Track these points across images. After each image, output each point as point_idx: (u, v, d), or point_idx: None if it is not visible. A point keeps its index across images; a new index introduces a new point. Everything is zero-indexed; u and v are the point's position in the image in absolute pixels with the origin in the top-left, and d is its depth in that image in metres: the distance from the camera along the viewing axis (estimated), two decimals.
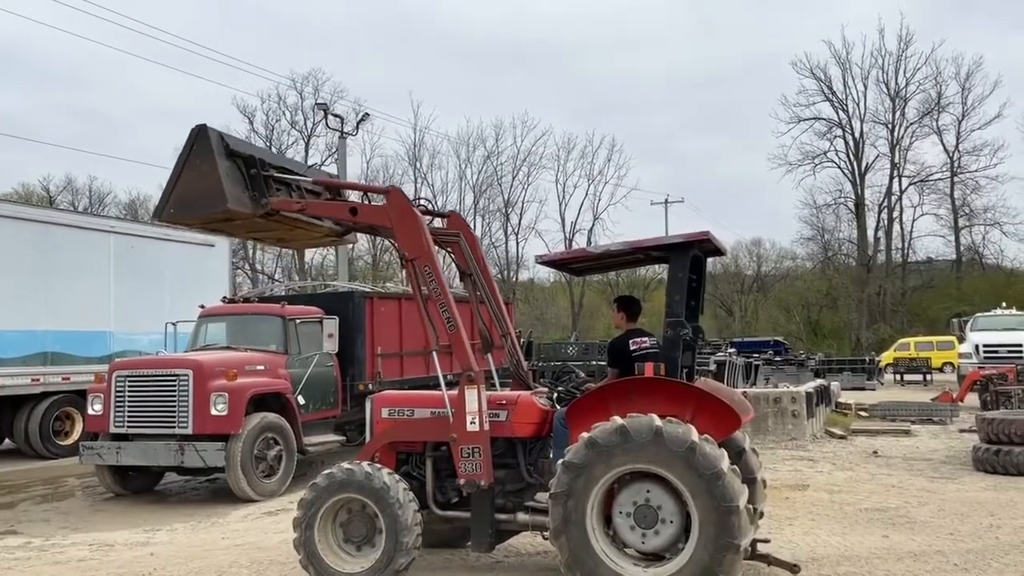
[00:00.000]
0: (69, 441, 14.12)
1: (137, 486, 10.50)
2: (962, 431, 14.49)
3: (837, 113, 51.89)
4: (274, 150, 53.67)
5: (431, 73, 79.86)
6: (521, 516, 5.83)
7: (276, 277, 53.82)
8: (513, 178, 57.06)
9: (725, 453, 5.04)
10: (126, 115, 78.65)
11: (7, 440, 14.56)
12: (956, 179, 50.44)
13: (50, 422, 14.00)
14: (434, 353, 6.07)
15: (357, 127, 34.86)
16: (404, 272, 6.23)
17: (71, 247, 14.55)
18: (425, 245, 6.09)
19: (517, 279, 58.29)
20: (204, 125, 6.18)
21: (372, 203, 6.78)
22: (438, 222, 6.81)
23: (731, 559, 4.85)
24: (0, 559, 7.12)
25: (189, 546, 7.43)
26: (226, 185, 6.01)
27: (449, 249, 6.74)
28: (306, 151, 54.06)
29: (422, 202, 6.64)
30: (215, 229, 7.08)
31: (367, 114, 34.96)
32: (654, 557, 5.18)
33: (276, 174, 6.39)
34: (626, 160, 69.93)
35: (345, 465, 5.86)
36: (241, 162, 6.23)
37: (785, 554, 6.21)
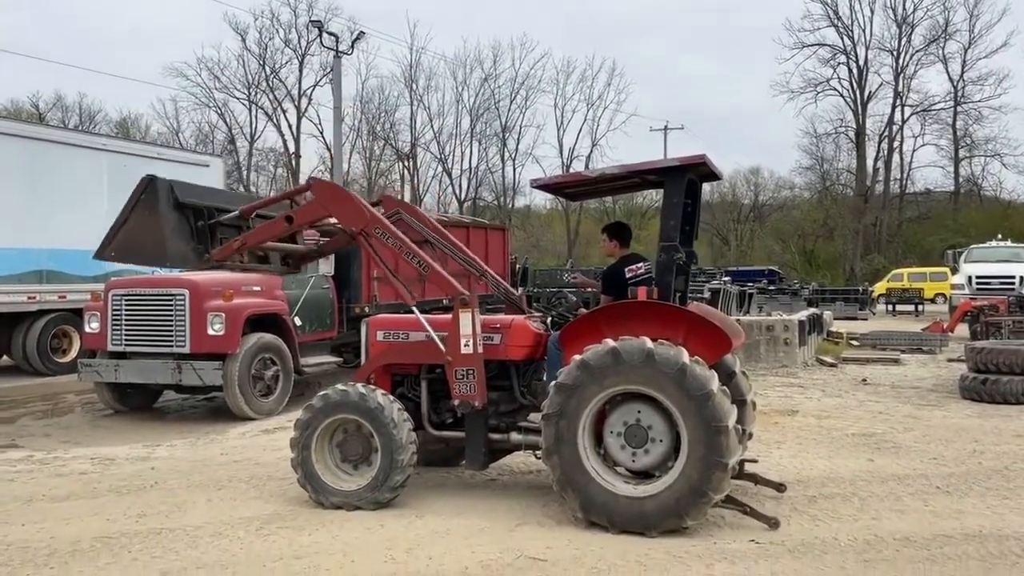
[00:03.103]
0: (67, 359, 14.24)
1: (136, 403, 10.64)
2: (950, 360, 14.70)
3: (842, 39, 51.04)
4: (267, 69, 52.79)
5: None
6: (514, 436, 5.93)
7: None
8: (511, 102, 56.36)
9: (715, 374, 5.11)
10: (115, 31, 76.98)
11: (5, 357, 14.70)
12: (959, 109, 49.93)
13: (47, 339, 14.11)
14: (414, 309, 6.14)
15: (352, 46, 34.29)
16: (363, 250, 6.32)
17: (64, 165, 14.42)
18: (366, 212, 6.21)
19: (513, 206, 58.11)
20: (154, 177, 6.19)
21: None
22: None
23: (719, 477, 4.97)
24: (3, 471, 7.25)
25: (189, 461, 7.57)
26: (170, 242, 6.07)
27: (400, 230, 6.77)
28: (300, 71, 53.27)
29: None
30: None
31: (362, 32, 34.35)
32: (644, 475, 5.31)
33: (225, 221, 6.39)
34: (626, 85, 69.09)
35: (339, 386, 5.93)
36: (190, 213, 6.23)
37: (772, 475, 6.36)
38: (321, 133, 52.80)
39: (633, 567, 4.63)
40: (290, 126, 53.95)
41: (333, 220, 6.51)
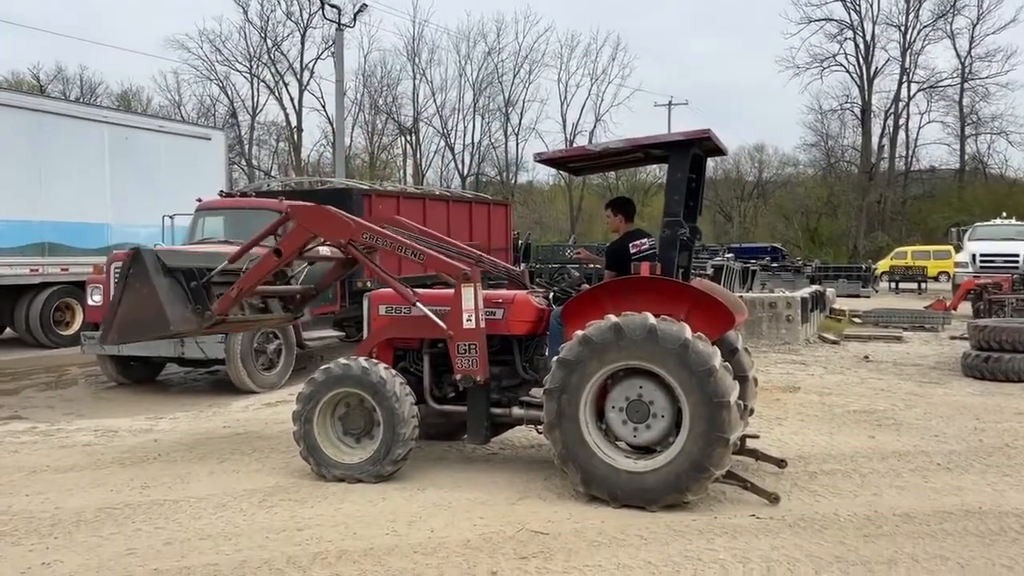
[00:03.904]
0: (70, 331, 14.29)
1: (139, 376, 10.68)
2: (953, 338, 14.70)
3: (849, 14, 50.53)
4: (269, 42, 52.42)
5: None
6: (516, 410, 5.95)
7: (272, 173, 53.41)
8: (514, 76, 55.97)
9: (718, 350, 5.11)
10: (116, 3, 76.36)
11: (8, 329, 14.74)
12: (966, 86, 49.53)
13: (50, 312, 14.14)
14: (421, 305, 6.08)
15: (355, 19, 33.89)
16: (366, 262, 6.37)
17: (65, 137, 14.38)
18: (350, 221, 6.23)
19: (516, 181, 57.89)
20: (139, 248, 6.19)
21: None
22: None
23: (720, 452, 4.98)
24: (7, 443, 7.29)
25: (192, 433, 7.61)
26: (168, 308, 6.04)
27: None
28: (302, 43, 52.80)
29: None
30: None
31: (365, 5, 33.83)
32: (645, 450, 5.32)
33: (216, 277, 6.38)
34: (630, 60, 68.43)
35: (342, 360, 5.94)
36: (181, 276, 6.21)
37: (773, 451, 6.38)
38: (323, 107, 52.54)
39: (634, 541, 4.65)
40: (292, 99, 53.69)
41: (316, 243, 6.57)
